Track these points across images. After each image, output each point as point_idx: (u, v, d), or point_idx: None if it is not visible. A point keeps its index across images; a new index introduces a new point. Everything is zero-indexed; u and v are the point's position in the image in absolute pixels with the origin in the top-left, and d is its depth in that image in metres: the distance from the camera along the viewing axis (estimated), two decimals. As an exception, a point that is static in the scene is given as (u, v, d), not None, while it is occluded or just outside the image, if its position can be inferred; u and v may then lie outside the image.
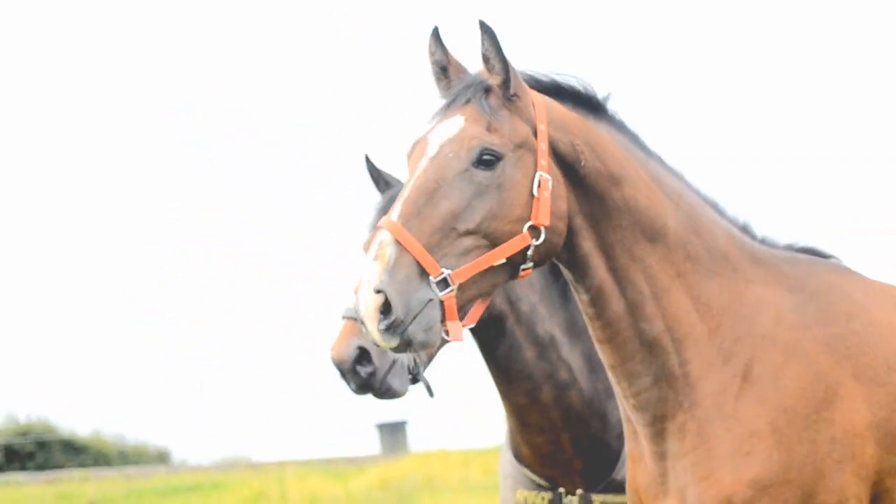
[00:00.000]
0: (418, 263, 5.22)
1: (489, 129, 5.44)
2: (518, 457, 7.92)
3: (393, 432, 34.42)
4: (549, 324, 7.88)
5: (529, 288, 7.93)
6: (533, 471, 7.82)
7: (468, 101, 5.49)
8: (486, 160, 5.40)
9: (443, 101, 5.59)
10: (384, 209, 7.97)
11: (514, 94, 5.51)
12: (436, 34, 5.65)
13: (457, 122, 5.46)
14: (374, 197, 8.20)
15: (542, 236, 5.42)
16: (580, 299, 5.66)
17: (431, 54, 5.65)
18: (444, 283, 5.24)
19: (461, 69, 5.64)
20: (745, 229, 5.86)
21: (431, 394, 7.88)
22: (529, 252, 5.42)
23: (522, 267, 5.45)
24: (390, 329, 5.16)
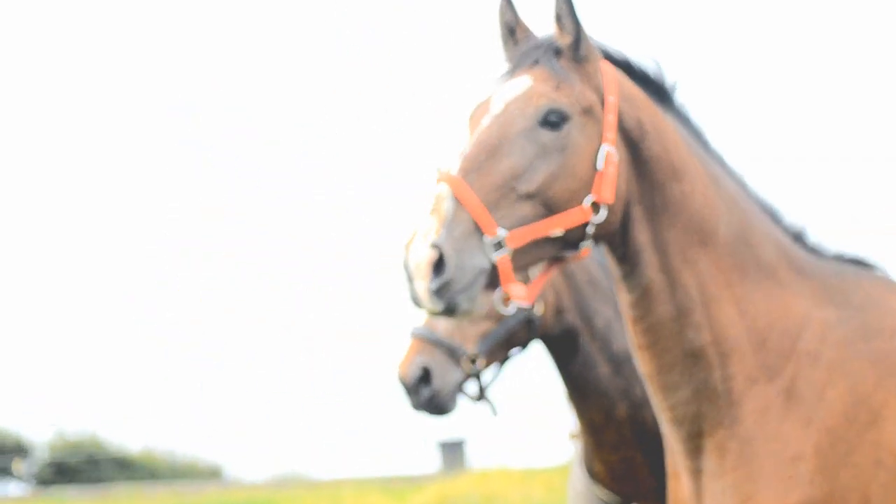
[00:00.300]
0: (475, 221, 5.03)
1: (557, 88, 5.29)
2: (591, 474, 7.90)
3: (453, 450, 34.34)
4: (625, 340, 7.86)
5: (604, 303, 7.91)
6: (606, 488, 7.81)
7: (537, 61, 5.36)
8: (552, 121, 5.25)
9: (509, 64, 5.45)
10: None
11: (585, 57, 5.37)
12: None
13: (524, 81, 5.32)
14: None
15: (604, 214, 5.27)
16: (623, 298, 5.48)
17: (502, 14, 5.49)
18: (498, 245, 5.06)
19: (528, 32, 5.49)
20: (798, 238, 5.72)
21: (495, 412, 7.97)
22: (589, 229, 5.28)
23: (581, 244, 5.30)
24: (440, 291, 4.95)
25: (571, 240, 5.28)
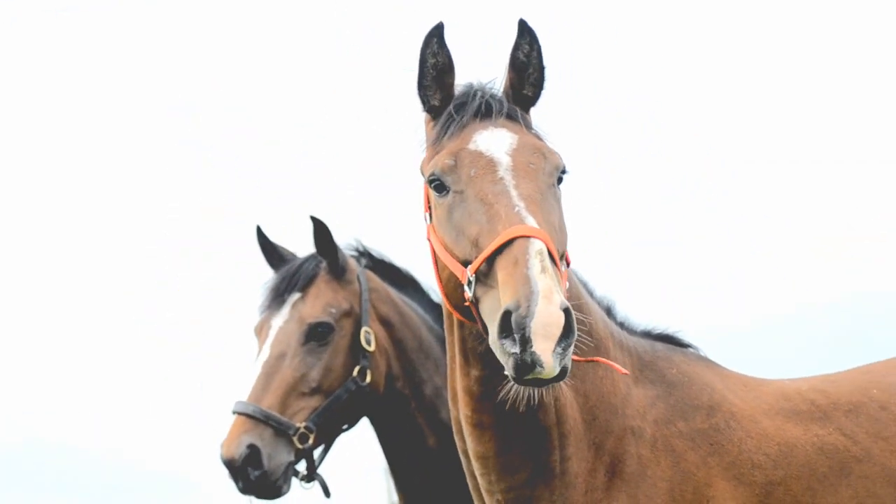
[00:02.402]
0: (559, 277, 4.80)
1: (540, 139, 5.18)
2: None
3: None
4: None
5: (434, 371, 7.61)
6: None
7: (499, 110, 5.15)
8: (560, 179, 5.13)
9: (455, 111, 5.19)
10: (279, 288, 7.59)
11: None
12: (440, 31, 5.23)
13: (504, 132, 5.12)
14: (266, 273, 7.80)
15: None
16: (470, 374, 5.22)
17: (433, 55, 5.23)
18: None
19: (452, 78, 5.28)
20: (609, 311, 5.64)
21: (328, 493, 7.48)
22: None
23: None
24: (563, 353, 4.61)
25: None
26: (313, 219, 7.58)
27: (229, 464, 7.20)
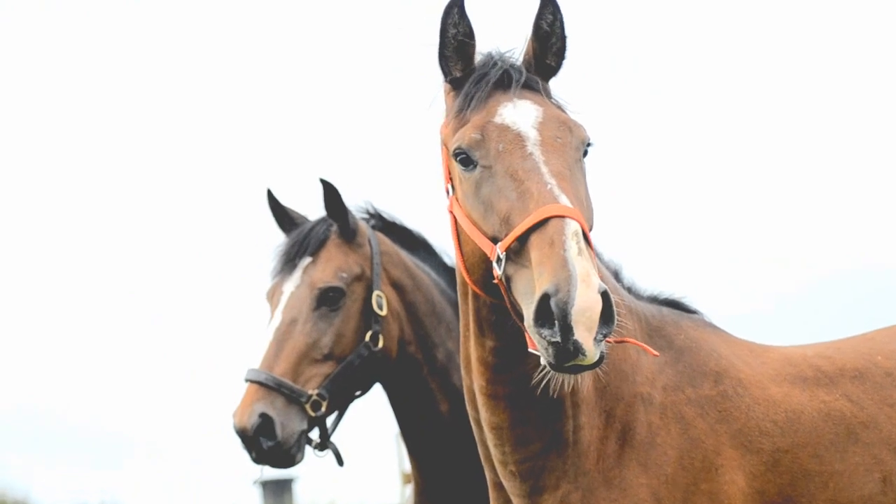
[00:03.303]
0: (594, 257, 4.74)
1: (564, 111, 5.14)
2: None
3: (277, 489, 33.13)
4: None
5: (447, 335, 7.48)
6: None
7: (519, 81, 5.09)
8: (586, 152, 5.10)
9: (477, 82, 5.12)
10: (290, 253, 7.45)
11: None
12: (461, 2, 5.15)
13: (529, 105, 5.07)
14: (277, 236, 7.65)
15: None
16: (487, 345, 5.17)
17: (454, 26, 5.14)
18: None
19: (473, 48, 5.20)
20: (616, 276, 5.61)
21: (341, 462, 7.34)
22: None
23: None
24: (602, 340, 4.55)
25: None
26: (323, 181, 7.43)
27: (242, 434, 7.07)
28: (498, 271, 4.76)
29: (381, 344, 7.29)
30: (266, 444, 7.06)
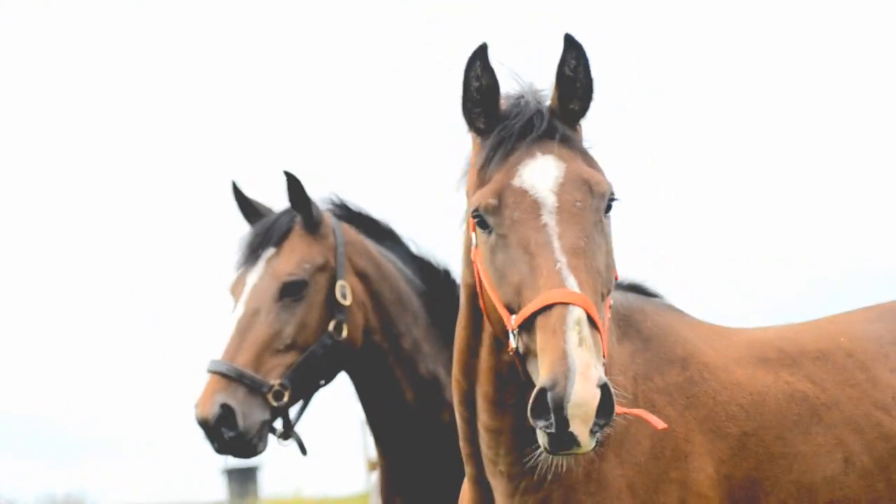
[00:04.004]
0: (601, 341, 4.68)
1: (589, 165, 4.99)
2: None
3: (242, 477, 33.20)
4: (432, 363, 7.47)
5: (413, 323, 7.51)
6: None
7: (542, 133, 4.94)
8: (610, 206, 4.96)
9: (500, 137, 4.98)
10: (254, 244, 7.48)
11: (580, 125, 5.10)
12: (484, 53, 4.99)
13: (551, 163, 4.92)
14: (243, 228, 7.68)
15: None
16: (504, 358, 5.10)
17: (477, 78, 5.00)
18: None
19: (504, 99, 5.06)
20: None
21: (304, 451, 7.38)
22: None
23: None
24: (599, 431, 4.54)
25: None
26: (286, 173, 7.45)
27: (203, 424, 7.09)
28: (512, 343, 4.78)
29: (345, 334, 7.31)
30: (228, 434, 7.08)
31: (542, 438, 4.59)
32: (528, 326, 4.71)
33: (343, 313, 7.35)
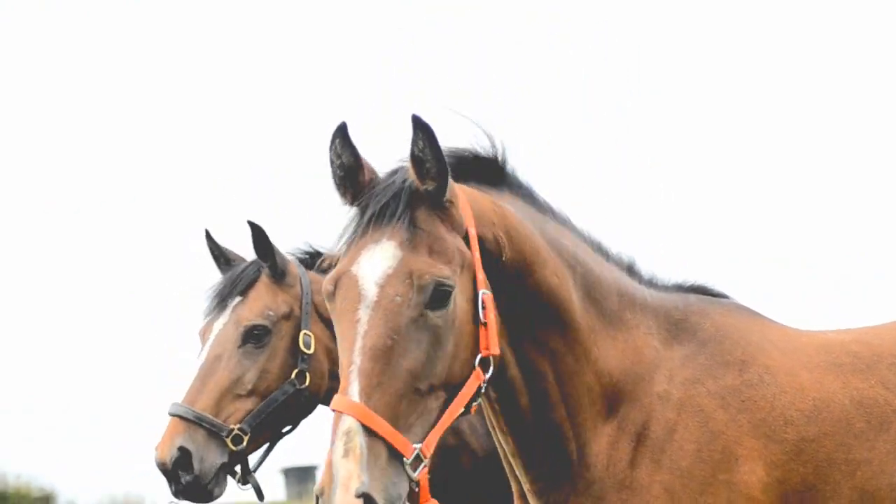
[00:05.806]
0: (391, 446, 4.69)
1: (431, 253, 4.87)
2: None
3: (301, 476, 33.37)
4: None
5: None
6: None
7: (394, 216, 4.89)
8: (440, 297, 4.85)
9: (357, 216, 4.99)
10: (222, 293, 7.67)
11: (448, 201, 4.97)
12: (343, 131, 5.03)
13: (389, 252, 4.86)
14: (214, 276, 7.88)
15: (492, 367, 5.00)
16: (491, 395, 5.29)
17: (337, 156, 5.02)
18: (417, 460, 4.74)
19: (373, 173, 5.07)
20: (630, 270, 5.58)
21: (261, 497, 7.54)
22: (482, 388, 5.00)
23: (473, 404, 5.03)
24: None
25: (468, 406, 5.01)
26: (250, 223, 7.63)
27: (162, 467, 7.29)
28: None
29: (307, 382, 7.48)
30: (184, 477, 7.27)
31: None
32: None
33: (306, 362, 7.51)
